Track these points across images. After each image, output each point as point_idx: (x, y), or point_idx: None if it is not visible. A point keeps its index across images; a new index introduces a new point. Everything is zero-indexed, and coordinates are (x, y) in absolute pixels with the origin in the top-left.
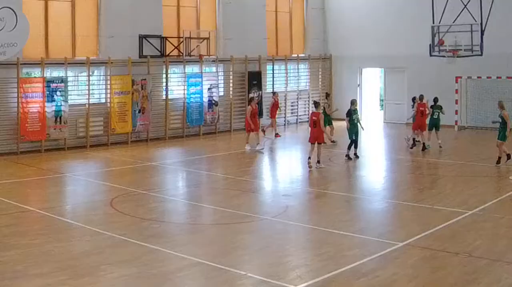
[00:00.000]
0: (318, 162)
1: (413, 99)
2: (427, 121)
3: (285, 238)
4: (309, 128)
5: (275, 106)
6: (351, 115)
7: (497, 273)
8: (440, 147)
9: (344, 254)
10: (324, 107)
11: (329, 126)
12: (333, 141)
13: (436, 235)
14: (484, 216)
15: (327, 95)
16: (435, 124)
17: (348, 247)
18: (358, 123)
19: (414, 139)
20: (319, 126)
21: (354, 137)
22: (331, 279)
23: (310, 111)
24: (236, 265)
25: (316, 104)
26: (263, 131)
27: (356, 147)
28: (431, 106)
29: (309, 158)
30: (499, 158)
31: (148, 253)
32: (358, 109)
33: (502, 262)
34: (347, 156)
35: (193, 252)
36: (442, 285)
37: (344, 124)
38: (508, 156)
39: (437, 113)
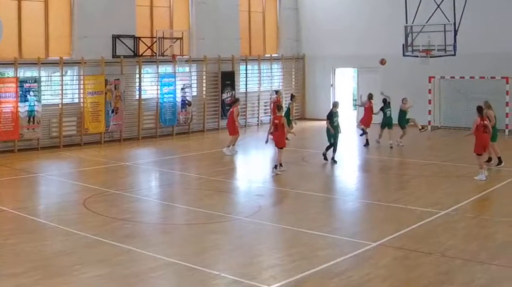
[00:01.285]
0: (275, 167)
1: (369, 96)
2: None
3: (258, 238)
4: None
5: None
6: (332, 118)
7: (471, 273)
8: (391, 147)
9: (317, 254)
10: (289, 108)
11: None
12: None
13: (409, 235)
14: (457, 216)
15: (292, 96)
16: (388, 123)
17: (321, 247)
18: (338, 127)
19: (363, 131)
20: (281, 130)
21: (332, 141)
22: (304, 279)
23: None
24: (209, 265)
25: (278, 107)
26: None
27: (334, 151)
28: (382, 108)
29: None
30: (498, 157)
31: (121, 253)
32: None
33: (475, 262)
34: (324, 155)
35: (166, 252)
36: (416, 285)
37: (318, 124)
38: (489, 159)
39: (389, 111)
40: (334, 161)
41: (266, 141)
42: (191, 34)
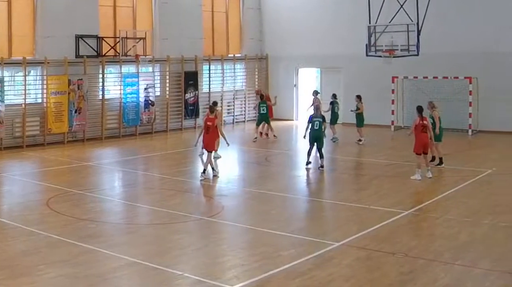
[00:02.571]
0: (204, 171)
1: (315, 93)
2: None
3: (221, 238)
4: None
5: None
6: (313, 121)
7: (434, 273)
8: (334, 141)
9: (280, 254)
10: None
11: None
12: (275, 136)
13: (372, 235)
14: (420, 216)
15: (262, 96)
16: (337, 119)
17: (285, 247)
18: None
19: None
20: (212, 132)
21: (319, 145)
22: (267, 279)
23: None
24: (173, 265)
25: (211, 109)
26: (266, 135)
27: (321, 157)
28: (331, 102)
29: (213, 169)
30: (440, 158)
31: (85, 253)
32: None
33: (438, 262)
34: (309, 163)
35: (129, 252)
36: (379, 285)
37: (281, 124)
38: (433, 158)
39: (337, 107)
40: (321, 167)
41: (195, 144)
42: (154, 34)
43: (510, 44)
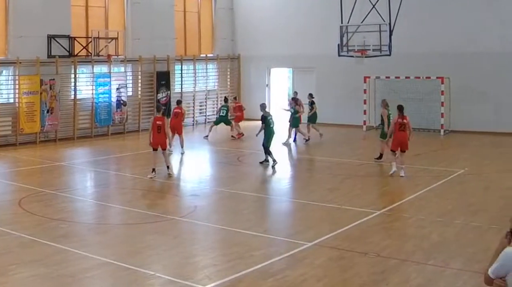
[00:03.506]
0: (168, 167)
1: (295, 94)
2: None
3: (193, 238)
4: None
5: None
6: (267, 120)
7: (406, 273)
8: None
9: (252, 254)
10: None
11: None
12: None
13: (344, 235)
14: (392, 216)
15: (226, 99)
16: (316, 118)
17: (257, 247)
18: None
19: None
20: (163, 131)
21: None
22: (239, 279)
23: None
24: (145, 265)
25: (158, 108)
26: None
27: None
28: (311, 102)
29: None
30: (381, 154)
31: (57, 253)
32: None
33: (411, 262)
34: (273, 161)
35: (101, 252)
36: (351, 285)
37: (253, 124)
38: (381, 156)
39: (315, 106)
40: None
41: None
42: (126, 34)
43: (481, 44)
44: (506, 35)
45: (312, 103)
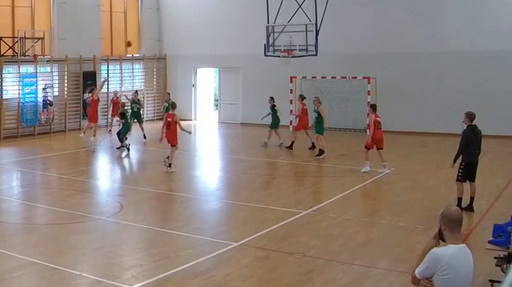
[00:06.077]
0: (170, 165)
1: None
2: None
3: (120, 238)
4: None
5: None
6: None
7: (332, 273)
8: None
9: (178, 254)
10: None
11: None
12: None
13: (270, 235)
14: (319, 216)
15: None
16: (278, 123)
17: (183, 247)
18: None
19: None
20: (173, 128)
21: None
22: (166, 279)
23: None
24: (71, 265)
25: (173, 105)
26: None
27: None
28: (272, 106)
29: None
30: (320, 150)
31: None
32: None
33: (337, 262)
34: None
35: (27, 252)
36: (277, 285)
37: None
38: (321, 151)
39: (278, 110)
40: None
41: (161, 140)
42: (53, 34)
43: (406, 45)
44: (430, 36)
45: (273, 107)
